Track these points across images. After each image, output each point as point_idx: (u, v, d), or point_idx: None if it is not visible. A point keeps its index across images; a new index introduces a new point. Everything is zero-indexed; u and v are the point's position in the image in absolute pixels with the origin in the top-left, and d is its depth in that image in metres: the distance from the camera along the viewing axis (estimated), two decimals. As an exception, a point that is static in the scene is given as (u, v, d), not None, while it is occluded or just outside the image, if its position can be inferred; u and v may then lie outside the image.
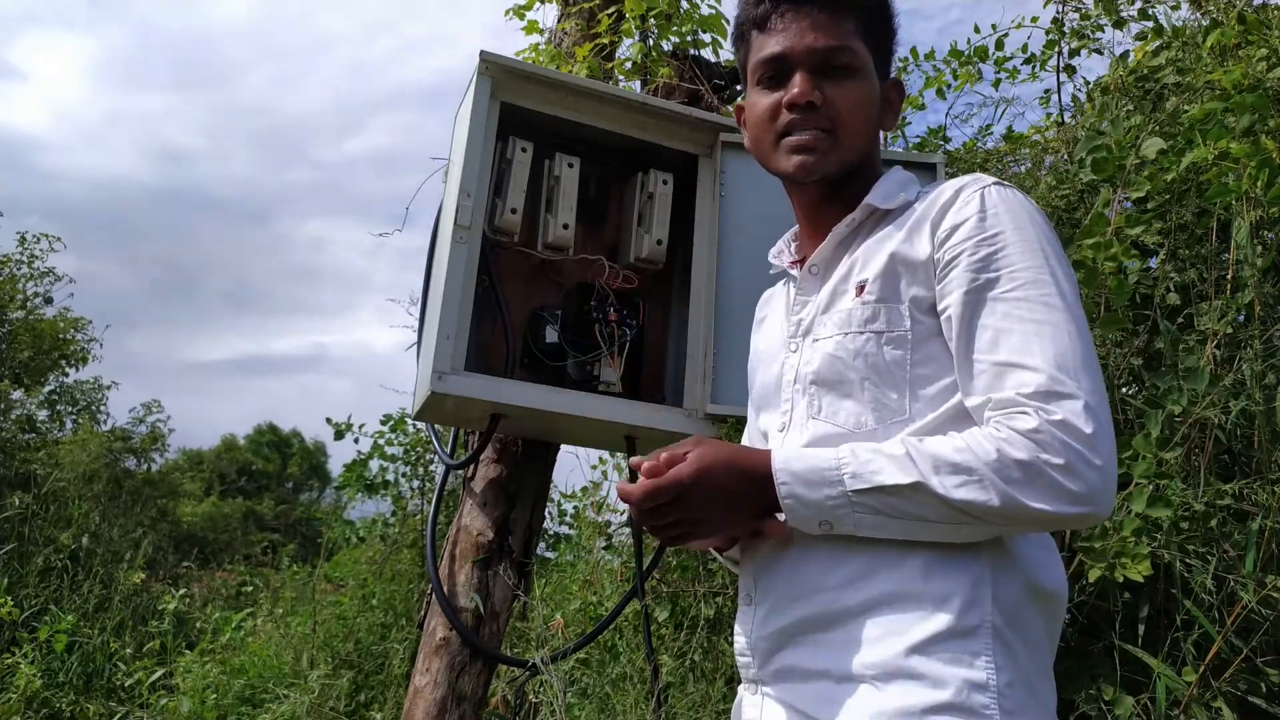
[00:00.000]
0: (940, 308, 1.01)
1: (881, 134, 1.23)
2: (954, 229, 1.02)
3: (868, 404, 1.03)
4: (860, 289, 1.06)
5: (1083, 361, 0.93)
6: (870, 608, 0.96)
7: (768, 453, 0.99)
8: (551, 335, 1.92)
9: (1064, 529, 0.93)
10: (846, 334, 1.06)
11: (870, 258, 1.08)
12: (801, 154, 1.10)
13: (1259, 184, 1.79)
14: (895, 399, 1.02)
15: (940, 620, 0.93)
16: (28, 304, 7.89)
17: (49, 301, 8.07)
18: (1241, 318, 1.95)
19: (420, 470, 4.34)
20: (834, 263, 1.12)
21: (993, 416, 0.93)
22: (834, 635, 0.98)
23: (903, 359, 1.02)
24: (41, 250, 7.95)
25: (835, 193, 1.14)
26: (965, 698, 0.90)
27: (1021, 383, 0.92)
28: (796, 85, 1.09)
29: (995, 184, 1.04)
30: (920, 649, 0.93)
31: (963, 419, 0.98)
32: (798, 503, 0.96)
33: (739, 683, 1.12)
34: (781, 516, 0.99)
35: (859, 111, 1.11)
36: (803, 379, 1.09)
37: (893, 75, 1.19)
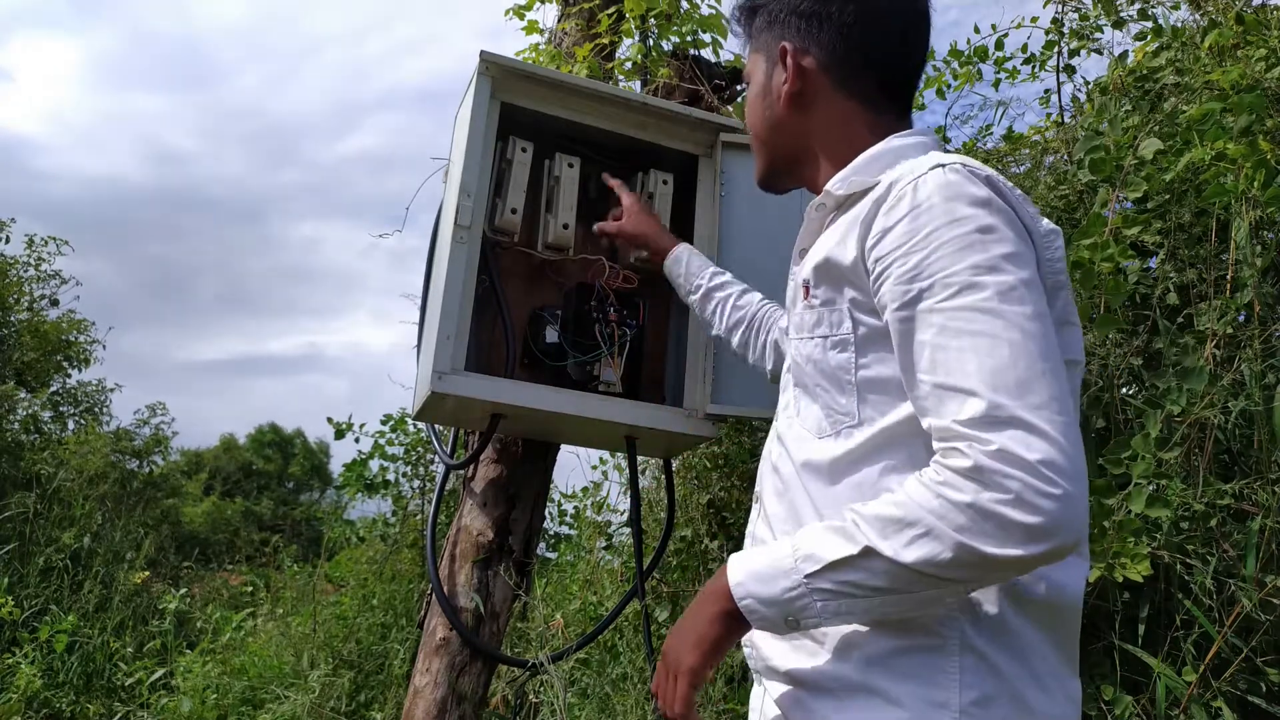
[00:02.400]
0: (883, 321, 0.94)
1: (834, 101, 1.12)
2: (884, 233, 0.93)
3: (823, 409, 1.00)
4: (806, 290, 1.04)
5: (1028, 372, 0.82)
6: None
7: (726, 563, 0.96)
8: (551, 335, 1.92)
9: (1034, 568, 0.86)
10: (801, 338, 1.05)
11: (812, 255, 1.05)
12: None
13: (1255, 184, 1.79)
14: (844, 403, 0.98)
15: (905, 635, 0.90)
16: (33, 306, 7.91)
17: (55, 304, 8.09)
18: (1241, 318, 1.95)
19: (421, 470, 4.35)
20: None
21: (936, 450, 0.86)
22: (809, 637, 0.96)
23: (847, 362, 0.98)
24: (49, 253, 7.99)
25: (805, 183, 1.17)
26: (924, 718, 0.87)
27: (957, 409, 0.83)
28: None
29: (934, 168, 0.94)
30: (881, 663, 0.90)
31: None
32: (756, 601, 0.90)
33: (739, 683, 1.13)
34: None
35: (750, 117, 1.18)
36: (792, 374, 1.10)
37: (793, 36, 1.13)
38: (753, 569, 0.91)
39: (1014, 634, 0.91)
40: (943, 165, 0.93)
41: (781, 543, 0.92)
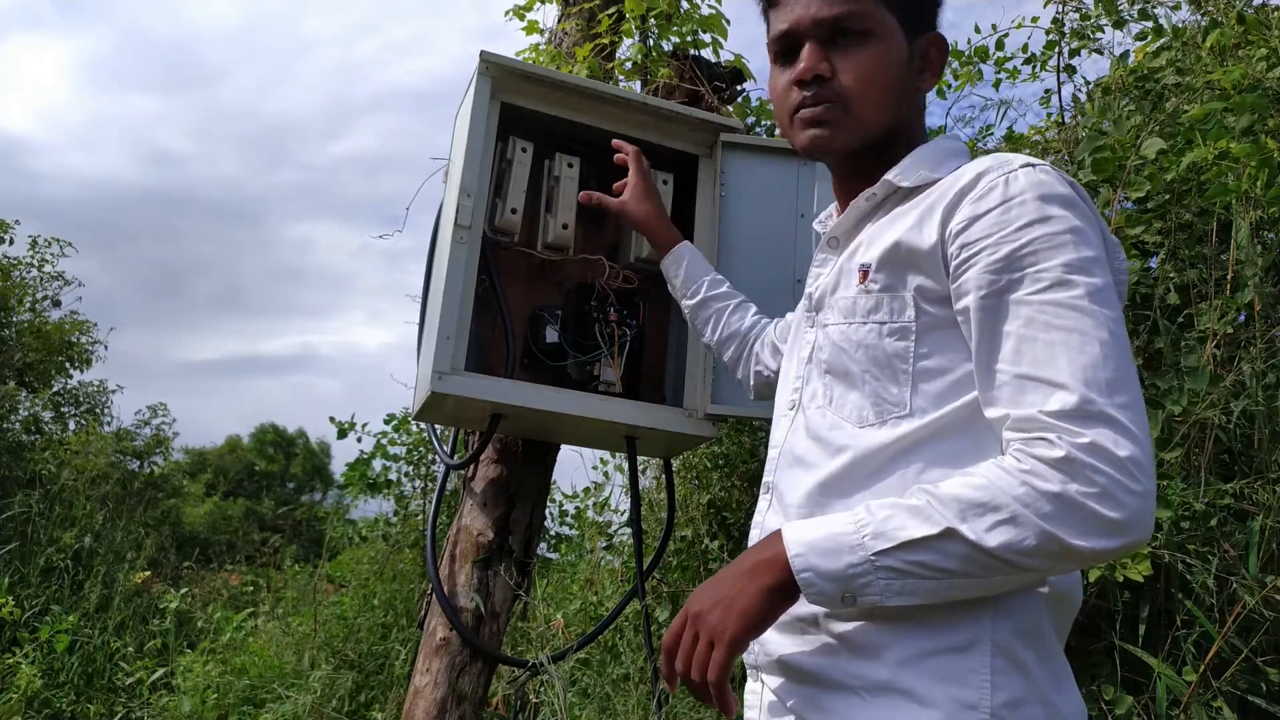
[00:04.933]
0: (958, 308, 0.94)
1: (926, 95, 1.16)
2: (971, 221, 0.93)
3: (869, 397, 0.98)
4: (864, 275, 1.01)
5: (1116, 373, 0.84)
6: (867, 613, 0.91)
7: (776, 532, 0.92)
8: (551, 335, 1.92)
9: (1106, 561, 0.86)
10: (850, 323, 1.02)
11: (875, 240, 1.03)
12: (813, 128, 1.07)
13: (1259, 184, 1.79)
14: (895, 393, 0.96)
15: (936, 633, 0.89)
16: (35, 306, 7.92)
17: (57, 304, 8.11)
18: (1242, 317, 1.95)
19: (423, 470, 4.35)
20: (851, 237, 1.09)
21: (1013, 440, 0.85)
22: (827, 634, 0.95)
23: (905, 350, 0.96)
24: (52, 254, 8.00)
25: (863, 164, 1.09)
26: (954, 719, 0.86)
27: (1044, 400, 0.84)
28: (803, 60, 1.06)
29: (1025, 166, 0.94)
30: (911, 663, 0.89)
31: (981, 417, 0.92)
32: (816, 575, 0.87)
33: (739, 682, 1.12)
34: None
35: (873, 77, 1.05)
36: (818, 363, 1.06)
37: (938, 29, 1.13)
38: (812, 541, 0.88)
39: (1042, 634, 0.91)
40: (1033, 164, 0.94)
41: (838, 517, 0.89)
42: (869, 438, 0.97)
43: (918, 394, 0.95)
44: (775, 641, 1.00)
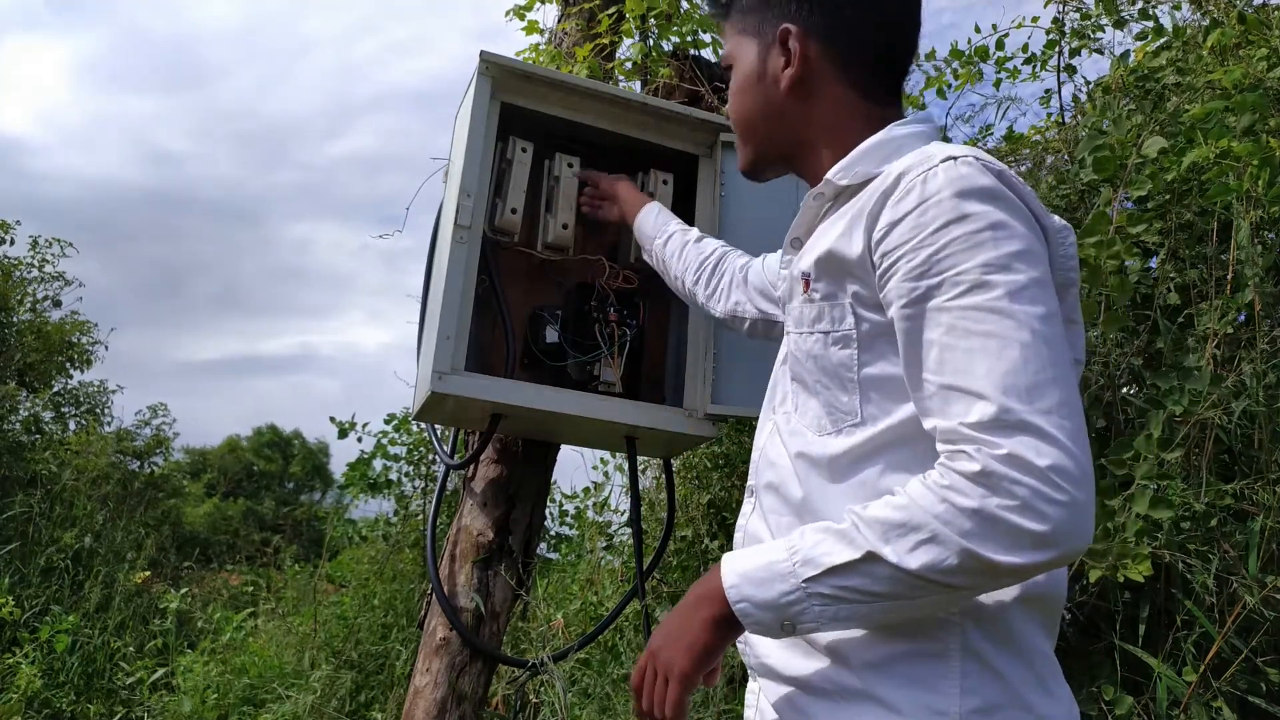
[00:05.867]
0: (888, 317, 0.92)
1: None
2: (890, 227, 0.90)
3: (824, 406, 0.98)
4: (806, 284, 1.01)
5: (1038, 376, 0.80)
6: None
7: (718, 563, 0.92)
8: (551, 335, 1.92)
9: (1037, 575, 0.85)
10: (800, 333, 1.01)
11: (815, 245, 1.02)
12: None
13: (1259, 183, 1.79)
14: (846, 401, 0.96)
15: (905, 639, 0.88)
16: (36, 307, 7.93)
17: (57, 304, 8.12)
18: (1242, 317, 1.95)
19: (423, 470, 4.35)
20: (808, 237, 1.08)
21: (941, 453, 0.84)
22: (808, 639, 0.94)
23: (850, 359, 0.95)
24: (52, 255, 8.00)
25: (799, 171, 1.14)
26: None
27: (965, 411, 0.81)
28: None
29: (945, 161, 0.90)
30: (880, 668, 0.89)
31: None
32: (752, 606, 0.87)
33: (739, 682, 1.12)
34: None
35: (735, 105, 1.14)
36: (788, 368, 1.07)
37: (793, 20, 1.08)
38: (747, 572, 0.88)
39: (1018, 636, 0.90)
40: (954, 157, 0.90)
41: (776, 544, 0.89)
42: (828, 445, 0.97)
43: (869, 402, 0.94)
44: (763, 645, 1.00)
